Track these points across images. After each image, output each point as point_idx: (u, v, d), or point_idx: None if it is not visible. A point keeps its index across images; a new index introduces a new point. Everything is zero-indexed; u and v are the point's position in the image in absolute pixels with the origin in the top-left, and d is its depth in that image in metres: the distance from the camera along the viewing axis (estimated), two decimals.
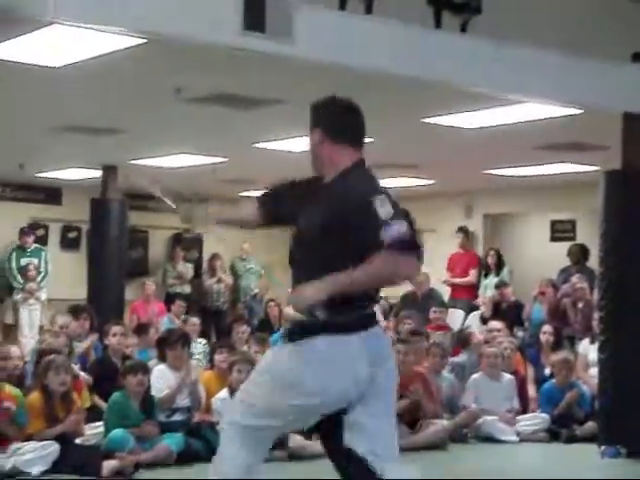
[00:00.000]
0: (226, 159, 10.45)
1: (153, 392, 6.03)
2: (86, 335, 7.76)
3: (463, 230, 11.89)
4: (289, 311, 10.31)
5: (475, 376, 7.38)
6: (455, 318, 10.53)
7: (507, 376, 7.43)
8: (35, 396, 5.59)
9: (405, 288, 10.57)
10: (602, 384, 6.68)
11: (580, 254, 10.39)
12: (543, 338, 8.43)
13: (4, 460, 5.19)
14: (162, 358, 6.40)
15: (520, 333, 9.44)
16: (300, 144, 9.19)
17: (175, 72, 6.42)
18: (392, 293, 10.84)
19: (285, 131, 8.68)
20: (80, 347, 7.33)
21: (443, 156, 9.60)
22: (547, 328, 8.54)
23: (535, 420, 7.25)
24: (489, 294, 11.06)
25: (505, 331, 8.54)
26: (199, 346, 8.59)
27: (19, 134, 9.20)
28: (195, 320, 9.06)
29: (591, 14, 6.02)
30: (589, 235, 11.55)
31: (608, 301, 6.64)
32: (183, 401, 6.21)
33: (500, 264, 11.56)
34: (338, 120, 3.35)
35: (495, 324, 8.52)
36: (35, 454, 5.27)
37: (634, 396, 6.41)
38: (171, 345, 6.36)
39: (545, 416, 7.27)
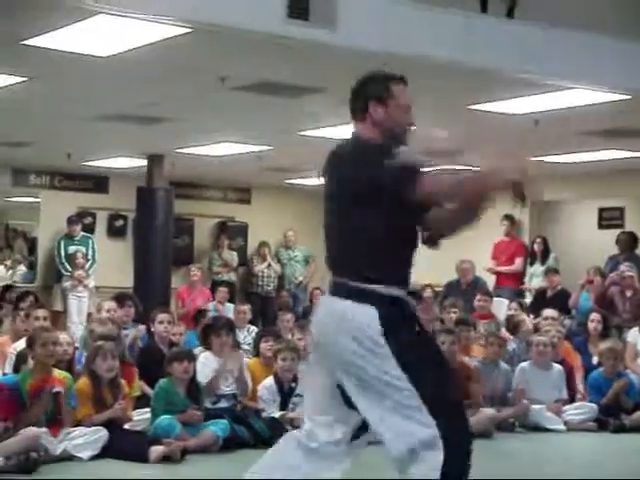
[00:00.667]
0: (271, 147, 10.48)
1: (199, 378, 6.08)
2: (132, 323, 7.85)
3: (509, 218, 11.77)
4: None
5: (524, 365, 7.32)
6: (499, 306, 10.45)
7: (556, 366, 7.37)
8: (83, 381, 5.68)
9: (450, 276, 10.52)
10: None
11: (629, 242, 10.25)
12: (591, 326, 8.33)
13: (55, 444, 5.27)
14: (207, 345, 6.44)
15: (567, 321, 9.34)
16: (344, 132, 9.16)
17: (220, 61, 6.45)
18: (436, 281, 10.80)
19: (329, 119, 8.67)
20: (127, 335, 7.40)
21: (490, 143, 9.52)
22: (595, 316, 8.43)
23: (583, 409, 7.18)
24: (535, 282, 10.97)
25: (559, 320, 8.46)
26: (250, 334, 8.58)
27: (66, 123, 9.31)
28: (245, 307, 9.07)
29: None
30: (638, 223, 11.39)
31: None
32: (229, 388, 6.25)
33: (546, 252, 11.44)
34: (383, 85, 3.36)
35: (550, 312, 8.43)
36: (85, 439, 5.34)
37: None
38: (216, 332, 6.41)
39: (593, 405, 7.20)
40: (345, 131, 10.50)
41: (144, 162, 11.38)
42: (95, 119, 8.90)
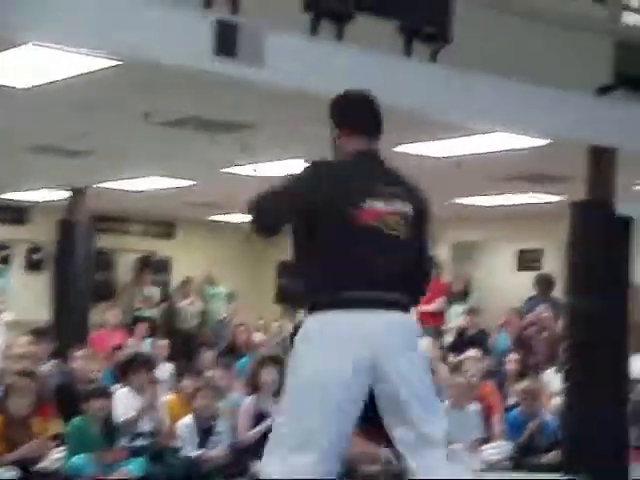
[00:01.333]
0: (195, 182, 10.44)
1: (117, 416, 5.96)
2: (48, 359, 7.67)
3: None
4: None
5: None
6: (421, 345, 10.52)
7: (472, 406, 7.43)
8: None
9: None
10: (565, 414, 6.72)
11: (546, 284, 10.45)
12: (509, 367, 8.45)
13: None
14: (125, 382, 6.33)
15: (486, 362, 9.45)
16: (270, 169, 9.21)
17: (146, 95, 6.42)
18: None
19: (257, 155, 8.69)
20: (43, 371, 7.22)
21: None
22: (513, 357, 8.57)
23: (500, 449, 7.25)
24: (455, 322, 11.09)
25: (480, 359, 8.52)
26: (167, 370, 8.49)
27: None
28: (163, 343, 8.97)
29: (559, 48, 6.11)
30: (556, 265, 11.65)
31: (573, 331, 6.69)
32: (146, 425, 6.14)
33: (467, 292, 11.60)
34: (349, 112, 3.48)
35: (472, 352, 8.47)
36: None
37: (597, 425, 6.45)
38: (135, 369, 6.30)
39: (510, 444, 7.28)
40: (271, 168, 10.52)
41: (66, 195, 11.21)
42: (17, 151, 8.75)
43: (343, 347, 3.10)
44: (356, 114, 3.47)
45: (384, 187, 3.27)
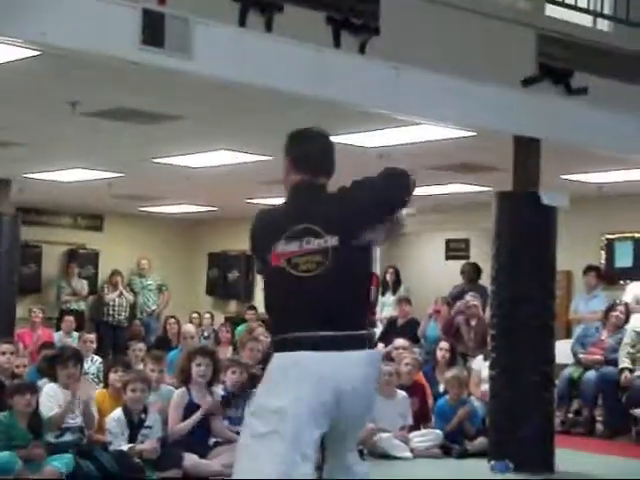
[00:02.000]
0: (123, 174, 10.30)
1: (43, 412, 5.85)
2: None
3: None
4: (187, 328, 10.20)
5: None
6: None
7: (401, 393, 7.50)
8: None
9: None
10: (492, 400, 6.84)
11: (473, 272, 10.61)
12: (439, 355, 8.55)
13: None
14: (52, 376, 6.22)
15: (416, 350, 9.55)
16: (199, 159, 9.15)
17: (71, 85, 6.31)
18: None
19: (184, 146, 8.62)
20: None
21: (341, 175, 9.67)
22: (443, 345, 8.67)
23: (429, 436, 7.35)
24: (386, 312, 11.17)
25: (410, 348, 8.60)
26: (94, 364, 8.39)
27: None
28: (90, 336, 8.84)
29: (484, 40, 6.18)
30: (482, 254, 11.83)
31: (500, 319, 6.81)
32: (74, 420, 6.05)
33: (398, 282, 11.70)
34: (298, 149, 3.50)
35: (401, 342, 8.54)
36: None
37: (522, 412, 6.58)
38: (63, 363, 6.20)
39: (438, 432, 7.37)
40: (200, 159, 10.45)
41: None
42: None
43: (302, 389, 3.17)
44: (306, 152, 3.49)
45: (304, 226, 3.26)
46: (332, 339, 3.17)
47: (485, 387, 7.55)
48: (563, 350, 8.60)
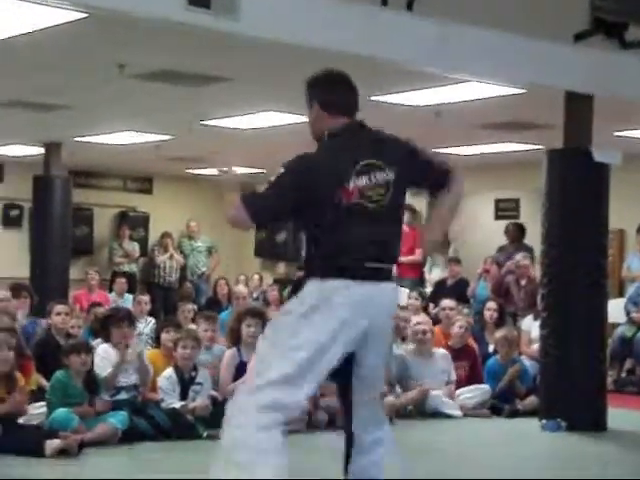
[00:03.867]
0: (172, 137, 10.36)
1: (98, 371, 5.97)
2: (29, 315, 7.67)
3: (410, 208, 11.93)
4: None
5: (402, 354, 7.32)
6: (402, 297, 10.57)
7: (440, 351, 7.46)
8: None
9: None
10: (543, 360, 6.80)
11: (517, 232, 10.51)
12: (487, 315, 8.52)
13: None
14: (106, 337, 6.33)
15: (465, 310, 9.52)
16: (247, 121, 9.15)
17: (118, 48, 6.33)
18: None
19: (231, 109, 8.63)
20: (24, 327, 7.22)
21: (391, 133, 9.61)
22: (491, 305, 8.63)
23: (476, 392, 7.32)
24: (435, 273, 11.14)
25: (458, 308, 8.58)
26: (148, 325, 8.50)
27: None
28: (144, 297, 8.97)
29: None
30: (532, 213, 11.70)
31: (550, 278, 6.74)
32: (128, 379, 6.16)
33: (446, 242, 11.63)
34: (330, 94, 3.57)
35: (448, 302, 8.47)
36: None
37: (574, 371, 6.54)
38: (116, 323, 6.30)
39: (486, 387, 7.35)
40: (248, 121, 10.44)
41: (41, 150, 11.09)
42: None
43: (345, 312, 3.33)
44: (339, 96, 3.57)
45: (366, 161, 3.41)
46: (378, 270, 3.40)
47: (535, 346, 7.52)
48: (616, 309, 8.52)
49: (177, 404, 6.06)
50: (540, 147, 9.13)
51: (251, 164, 13.04)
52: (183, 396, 6.14)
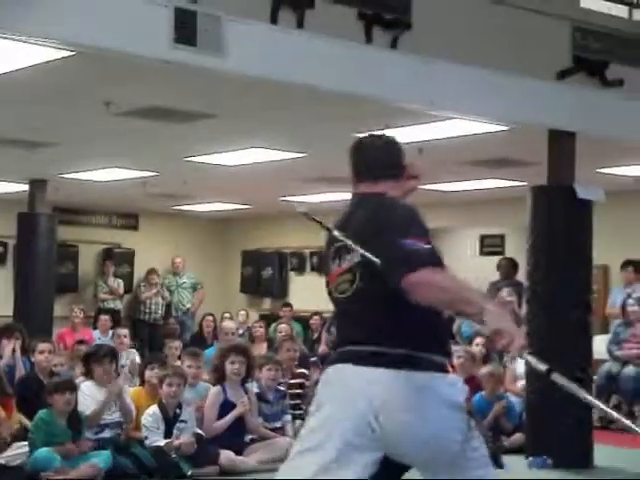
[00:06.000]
0: (157, 173, 10.36)
1: (81, 409, 5.91)
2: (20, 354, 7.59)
3: None
4: None
5: None
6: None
7: None
8: None
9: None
10: (529, 396, 6.78)
11: (509, 268, 10.53)
12: (475, 350, 8.50)
13: None
14: (89, 374, 6.27)
15: (454, 347, 9.49)
16: (232, 158, 9.17)
17: (105, 85, 6.34)
18: (322, 308, 10.85)
19: (217, 145, 8.64)
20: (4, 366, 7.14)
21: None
22: (479, 340, 8.61)
23: None
24: None
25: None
26: (129, 358, 8.43)
27: None
28: (124, 331, 8.95)
29: (517, 33, 6.13)
30: (517, 249, 11.74)
31: (535, 314, 6.74)
32: (112, 416, 6.10)
33: None
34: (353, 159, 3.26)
35: None
36: None
37: (559, 408, 6.51)
38: (99, 360, 6.25)
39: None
40: (233, 157, 10.42)
41: (25, 187, 11.05)
42: None
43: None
44: (356, 160, 3.24)
45: (341, 241, 2.98)
46: (356, 353, 2.92)
47: (521, 383, 7.50)
48: (601, 345, 8.52)
49: (162, 442, 5.99)
50: (524, 184, 9.17)
51: (236, 200, 13.06)
52: (167, 434, 6.07)
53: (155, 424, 6.09)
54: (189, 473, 5.82)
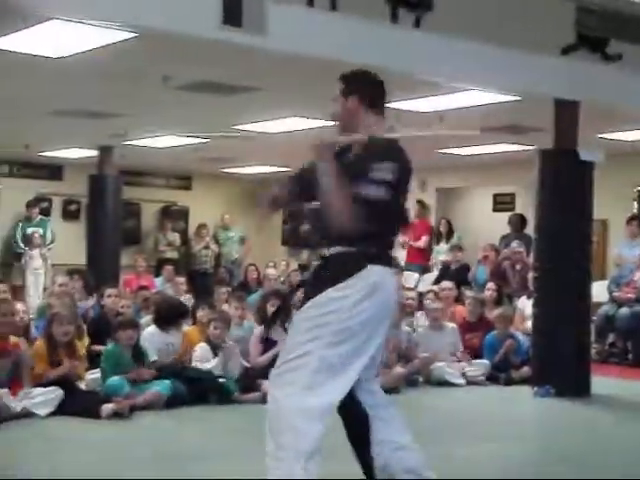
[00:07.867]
0: (208, 140, 10.41)
1: (143, 344, 6.02)
2: (85, 296, 7.77)
3: (420, 202, 11.94)
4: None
5: (420, 330, 7.45)
6: (409, 278, 10.62)
7: (450, 325, 7.52)
8: (40, 343, 5.60)
9: None
10: (535, 334, 6.81)
11: (519, 222, 10.49)
12: (487, 294, 8.53)
13: (16, 403, 5.19)
14: (157, 322, 6.35)
15: (468, 292, 9.52)
16: (274, 126, 9.18)
17: (162, 63, 6.38)
18: None
19: (260, 115, 8.67)
20: (80, 307, 7.30)
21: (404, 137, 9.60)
22: (490, 285, 8.64)
23: (478, 366, 7.35)
24: (441, 258, 11.14)
25: (454, 289, 8.63)
26: (186, 300, 8.54)
27: (25, 118, 9.11)
28: (181, 279, 9.10)
29: (526, 14, 6.04)
30: (526, 206, 11.68)
31: (542, 263, 6.75)
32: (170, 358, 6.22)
33: (450, 232, 11.63)
34: (377, 89, 3.30)
35: (445, 284, 8.59)
36: (42, 397, 5.27)
37: (561, 344, 6.55)
38: (173, 320, 6.32)
39: (487, 362, 7.38)
40: (274, 126, 10.45)
41: (95, 153, 11.19)
42: (50, 114, 8.73)
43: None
44: (379, 90, 3.31)
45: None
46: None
47: (528, 323, 7.53)
48: (599, 290, 8.49)
49: (212, 363, 6.08)
50: (533, 147, 9.11)
51: (277, 163, 13.09)
52: None
53: (205, 354, 6.19)
54: (235, 393, 5.93)
